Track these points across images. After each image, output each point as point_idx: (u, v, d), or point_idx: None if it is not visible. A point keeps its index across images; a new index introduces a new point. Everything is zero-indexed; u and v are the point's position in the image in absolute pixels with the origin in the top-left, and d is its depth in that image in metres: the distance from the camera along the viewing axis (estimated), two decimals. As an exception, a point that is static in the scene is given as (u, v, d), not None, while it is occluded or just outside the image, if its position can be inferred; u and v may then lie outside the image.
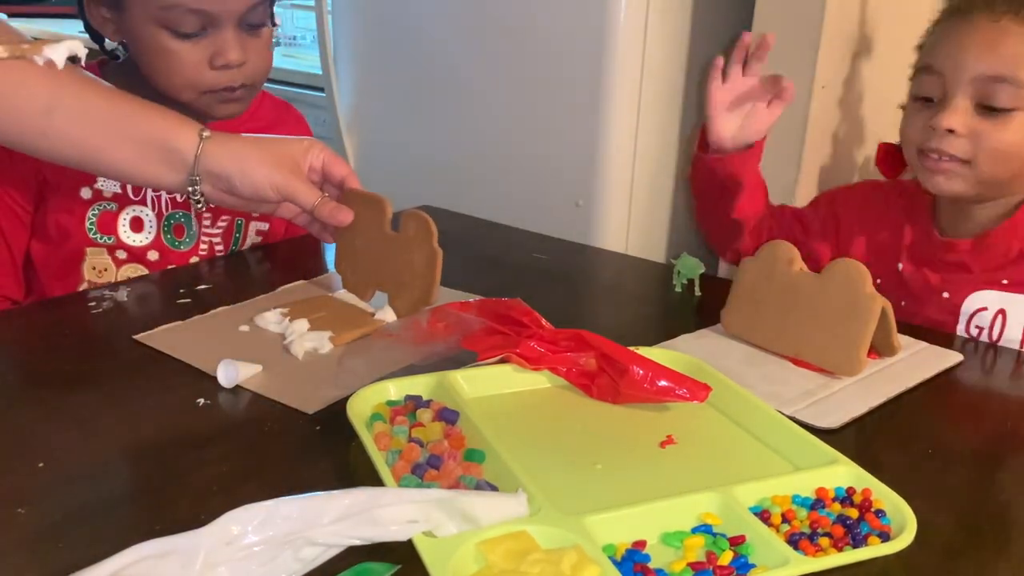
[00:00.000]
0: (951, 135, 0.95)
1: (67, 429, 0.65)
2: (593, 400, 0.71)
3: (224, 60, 0.96)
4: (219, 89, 0.99)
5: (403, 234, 0.85)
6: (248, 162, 0.81)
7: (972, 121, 0.95)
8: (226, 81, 0.98)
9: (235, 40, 0.97)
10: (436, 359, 0.76)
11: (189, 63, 0.96)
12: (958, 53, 0.96)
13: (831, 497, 0.59)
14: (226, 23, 0.95)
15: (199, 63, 0.96)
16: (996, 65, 0.93)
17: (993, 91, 0.94)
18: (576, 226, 1.69)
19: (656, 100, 1.75)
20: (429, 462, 0.59)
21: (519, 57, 1.73)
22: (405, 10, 1.86)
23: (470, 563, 0.50)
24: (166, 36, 0.95)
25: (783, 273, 0.81)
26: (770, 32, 1.16)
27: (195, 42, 0.96)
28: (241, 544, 0.48)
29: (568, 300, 0.99)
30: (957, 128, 0.95)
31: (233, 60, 0.97)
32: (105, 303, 0.88)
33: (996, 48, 0.93)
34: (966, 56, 0.95)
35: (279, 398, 0.70)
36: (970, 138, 0.95)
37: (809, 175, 1.76)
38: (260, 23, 1.00)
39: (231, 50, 0.96)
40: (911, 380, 0.78)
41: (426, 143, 1.91)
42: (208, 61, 0.97)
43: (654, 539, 0.54)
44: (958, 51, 0.96)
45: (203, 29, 0.95)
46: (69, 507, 0.56)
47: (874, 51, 1.84)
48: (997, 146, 0.94)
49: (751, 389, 0.71)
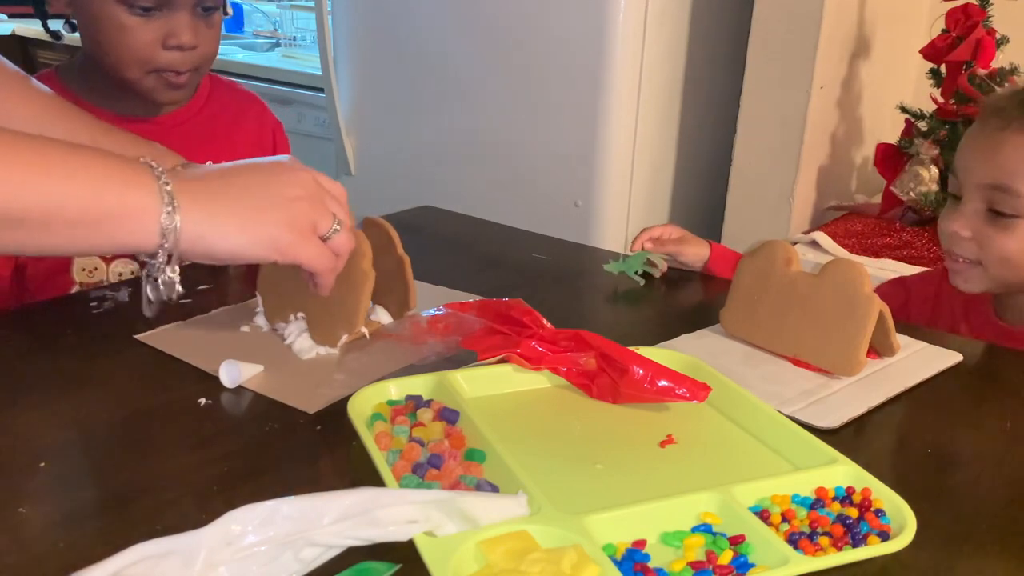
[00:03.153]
0: (960, 237, 0.98)
1: (67, 429, 0.65)
2: (593, 400, 0.71)
3: (177, 41, 0.97)
4: (167, 70, 0.99)
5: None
6: None
7: (980, 225, 0.97)
8: (177, 63, 0.99)
9: (190, 22, 0.98)
10: (436, 359, 0.76)
11: (141, 40, 0.97)
12: (968, 157, 0.99)
13: (831, 497, 0.59)
14: (183, 4, 0.96)
15: (152, 42, 0.97)
16: (996, 174, 0.95)
17: (998, 198, 0.95)
18: (575, 226, 1.69)
19: (655, 100, 1.75)
20: (430, 461, 0.60)
21: (518, 58, 1.73)
22: (405, 11, 1.86)
23: (470, 562, 0.50)
24: (122, 11, 0.95)
25: (782, 273, 0.81)
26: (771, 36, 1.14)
27: (149, 19, 0.96)
28: (242, 544, 0.48)
29: (568, 300, 0.99)
30: (962, 232, 0.97)
31: (186, 42, 0.98)
32: (106, 303, 0.88)
33: (996, 156, 0.95)
34: (974, 162, 0.98)
35: (280, 398, 0.70)
36: (977, 241, 0.97)
37: (808, 175, 1.77)
38: (214, 7, 1.01)
39: (185, 32, 0.97)
40: (910, 380, 0.78)
41: (426, 143, 1.91)
42: (161, 41, 0.97)
43: (654, 538, 0.54)
44: (968, 155, 0.99)
45: (159, 8, 0.96)
46: (69, 507, 0.56)
47: (872, 52, 1.84)
48: (1000, 252, 0.96)
49: (751, 389, 0.71)
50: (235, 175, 0.63)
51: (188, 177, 0.61)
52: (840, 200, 1.88)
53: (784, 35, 1.65)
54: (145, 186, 0.58)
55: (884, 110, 1.90)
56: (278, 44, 3.21)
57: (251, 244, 0.62)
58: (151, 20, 0.96)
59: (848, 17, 1.74)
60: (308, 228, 0.64)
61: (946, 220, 1.00)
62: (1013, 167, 0.94)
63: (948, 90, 1.62)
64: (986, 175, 0.96)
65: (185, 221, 0.59)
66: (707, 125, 1.90)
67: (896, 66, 1.96)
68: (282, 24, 3.31)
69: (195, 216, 0.59)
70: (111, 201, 0.58)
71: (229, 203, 0.62)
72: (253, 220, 0.62)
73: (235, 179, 0.63)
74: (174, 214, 0.58)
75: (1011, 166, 0.94)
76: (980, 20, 1.58)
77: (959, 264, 1.00)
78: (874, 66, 1.85)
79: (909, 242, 1.62)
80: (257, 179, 0.64)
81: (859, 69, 1.82)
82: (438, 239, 1.11)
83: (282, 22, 3.31)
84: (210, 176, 0.63)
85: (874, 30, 1.82)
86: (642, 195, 1.80)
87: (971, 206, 0.97)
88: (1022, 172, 0.94)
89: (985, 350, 0.89)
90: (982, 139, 0.98)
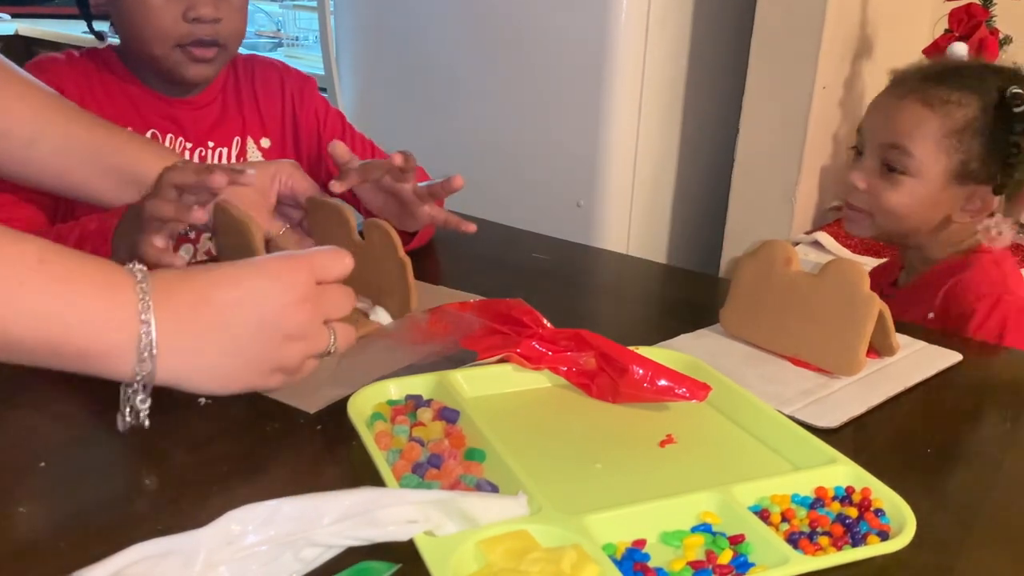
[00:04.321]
0: (857, 189, 1.15)
1: (67, 429, 0.65)
2: (593, 399, 0.71)
3: (196, 13, 1.01)
4: (191, 43, 1.02)
5: (368, 243, 0.83)
6: None
7: (875, 179, 1.14)
8: (199, 33, 1.02)
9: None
10: (436, 359, 0.76)
11: (164, 14, 1.01)
12: (872, 119, 1.17)
13: (830, 496, 0.59)
14: None
15: (174, 16, 1.01)
16: (893, 135, 1.12)
17: (893, 156, 1.12)
18: (577, 226, 1.69)
19: (657, 101, 1.75)
20: (430, 461, 0.60)
21: (521, 58, 1.73)
22: (407, 11, 1.86)
23: (470, 562, 0.50)
24: None
25: (782, 273, 0.81)
26: (773, 36, 1.20)
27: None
28: (242, 544, 0.49)
29: (568, 300, 0.99)
30: (859, 183, 1.15)
31: (205, 14, 1.02)
32: (106, 303, 0.88)
33: (894, 120, 1.12)
34: (875, 124, 1.16)
35: (280, 398, 0.70)
36: (870, 193, 1.14)
37: (810, 175, 1.76)
38: None
39: (204, 5, 1.01)
40: (910, 379, 0.78)
41: (428, 143, 1.91)
42: (182, 14, 1.01)
43: (654, 538, 0.54)
44: (872, 118, 1.17)
45: None
46: (69, 507, 0.56)
47: (875, 52, 1.84)
48: (887, 204, 1.13)
49: (750, 389, 0.71)
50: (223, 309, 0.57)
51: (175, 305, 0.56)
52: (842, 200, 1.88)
53: (786, 35, 1.65)
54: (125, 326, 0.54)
55: (886, 110, 1.89)
56: (280, 44, 3.22)
57: (227, 392, 0.60)
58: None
59: (850, 17, 1.74)
60: (296, 367, 0.62)
61: (849, 173, 1.17)
62: (907, 130, 1.11)
63: (950, 90, 1.61)
64: (884, 135, 1.13)
65: (161, 370, 0.56)
66: (709, 125, 1.90)
67: (899, 66, 1.96)
68: (284, 24, 3.31)
69: (173, 363, 0.56)
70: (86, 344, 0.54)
71: (213, 355, 0.58)
72: (235, 377, 0.59)
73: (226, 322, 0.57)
74: (149, 362, 0.55)
75: (906, 129, 1.11)
76: (983, 20, 1.57)
77: (853, 212, 1.18)
78: (877, 66, 1.85)
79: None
80: (250, 326, 0.58)
81: (861, 69, 1.82)
82: (438, 239, 1.11)
83: (284, 22, 3.31)
84: (200, 310, 0.57)
85: (876, 30, 1.81)
86: (644, 195, 1.80)
87: (869, 162, 1.15)
88: (915, 135, 1.10)
89: (986, 350, 0.89)
90: (884, 104, 1.15)
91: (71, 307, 0.53)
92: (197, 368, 0.58)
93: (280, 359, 0.60)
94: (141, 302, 0.55)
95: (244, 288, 0.58)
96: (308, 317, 0.61)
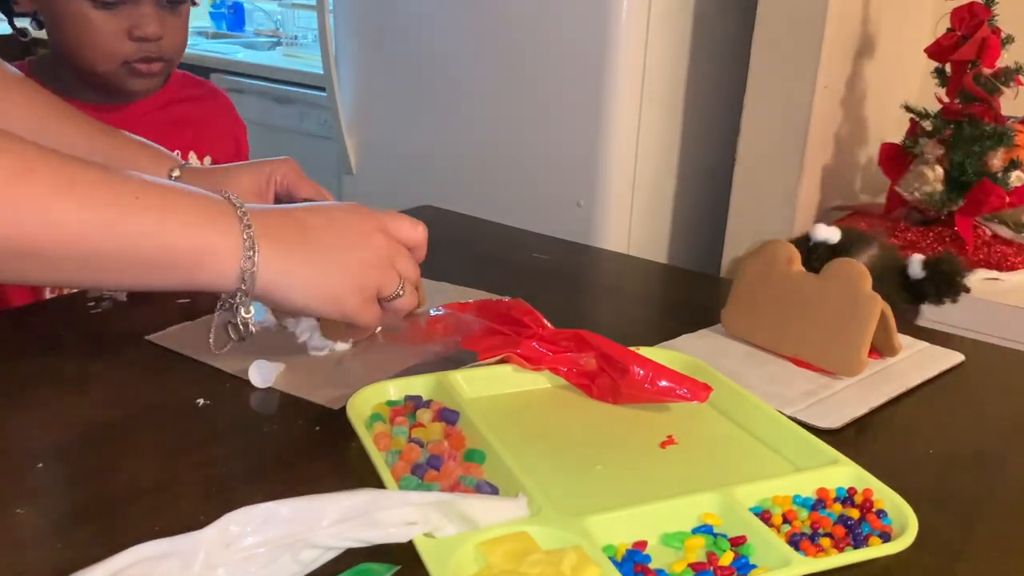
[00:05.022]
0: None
1: (65, 429, 0.65)
2: (593, 400, 0.71)
3: (142, 32, 1.00)
4: (136, 60, 1.01)
5: None
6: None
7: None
8: (144, 52, 1.01)
9: (154, 14, 1.00)
10: (436, 359, 0.76)
11: (107, 33, 0.99)
12: None
13: (832, 497, 0.58)
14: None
15: (117, 33, 0.99)
16: None
17: None
18: (577, 226, 1.69)
19: (658, 100, 1.75)
20: (429, 462, 0.59)
21: (521, 57, 1.73)
22: (407, 10, 1.86)
23: (470, 564, 0.50)
24: (86, 5, 0.97)
25: (783, 273, 0.81)
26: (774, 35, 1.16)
27: (114, 12, 0.98)
28: (241, 545, 0.48)
29: (568, 300, 0.99)
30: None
31: (151, 33, 1.00)
32: (104, 303, 0.88)
33: None
34: None
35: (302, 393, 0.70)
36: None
37: (812, 175, 1.76)
38: (180, 0, 1.03)
39: (150, 23, 1.00)
40: (912, 380, 0.78)
41: (427, 142, 1.91)
42: (126, 32, 1.00)
43: (654, 540, 0.54)
44: None
45: (123, 1, 0.98)
46: (69, 507, 0.56)
47: (877, 51, 1.83)
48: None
49: (751, 389, 0.71)
50: (313, 228, 0.64)
51: (268, 220, 0.62)
52: (844, 200, 1.88)
53: (788, 35, 1.65)
54: (230, 229, 0.60)
55: (888, 109, 1.89)
56: (279, 43, 3.21)
57: (318, 302, 0.64)
58: (116, 13, 0.98)
59: (852, 16, 1.73)
60: (373, 294, 0.66)
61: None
62: None
63: (953, 89, 1.61)
64: None
65: (262, 269, 0.60)
66: (710, 124, 1.89)
67: (901, 65, 1.96)
68: (283, 23, 3.31)
69: (273, 266, 0.61)
70: (198, 242, 0.59)
71: (306, 259, 0.63)
72: (325, 282, 0.63)
73: (313, 233, 0.64)
74: (254, 257, 0.60)
75: None
76: (985, 19, 1.57)
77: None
78: (878, 65, 1.84)
79: (914, 242, 1.61)
80: (334, 238, 0.64)
81: (863, 68, 1.81)
82: (438, 239, 1.11)
83: (283, 21, 3.31)
84: (288, 223, 0.63)
85: (878, 29, 1.81)
86: (645, 195, 1.79)
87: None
88: None
89: (987, 350, 0.89)
90: None
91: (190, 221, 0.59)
92: (291, 270, 0.62)
93: (361, 280, 0.65)
94: (239, 210, 0.60)
95: (330, 213, 0.66)
96: (384, 245, 0.66)
